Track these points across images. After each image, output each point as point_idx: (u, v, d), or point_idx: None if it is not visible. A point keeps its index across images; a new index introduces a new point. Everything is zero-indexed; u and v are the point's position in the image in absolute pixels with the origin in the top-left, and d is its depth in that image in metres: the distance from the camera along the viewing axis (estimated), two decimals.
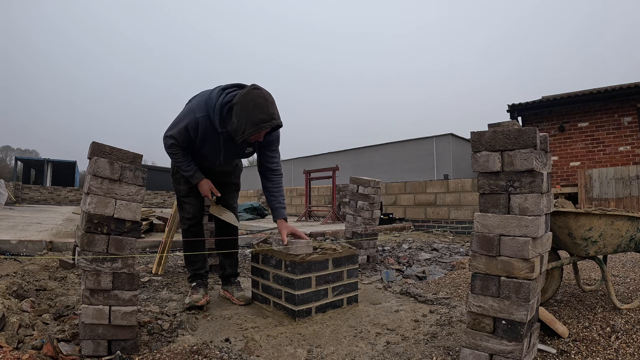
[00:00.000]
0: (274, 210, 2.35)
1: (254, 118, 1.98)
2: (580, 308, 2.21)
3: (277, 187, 2.38)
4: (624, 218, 2.04)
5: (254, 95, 2.01)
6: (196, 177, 2.34)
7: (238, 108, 2.02)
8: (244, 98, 2.02)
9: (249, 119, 1.98)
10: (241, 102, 2.01)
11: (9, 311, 1.90)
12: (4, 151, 54.68)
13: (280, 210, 2.34)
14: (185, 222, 2.47)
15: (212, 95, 2.15)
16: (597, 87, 9.41)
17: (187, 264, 2.54)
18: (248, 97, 2.01)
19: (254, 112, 1.98)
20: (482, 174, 1.50)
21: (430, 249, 5.13)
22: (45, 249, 3.70)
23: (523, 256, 1.38)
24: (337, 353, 1.71)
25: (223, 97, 2.12)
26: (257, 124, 1.99)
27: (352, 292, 2.40)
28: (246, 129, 2.00)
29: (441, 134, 19.76)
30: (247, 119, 1.99)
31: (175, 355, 1.61)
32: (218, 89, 2.18)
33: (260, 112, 1.99)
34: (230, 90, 2.16)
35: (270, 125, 2.02)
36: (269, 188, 2.37)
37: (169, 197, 22.29)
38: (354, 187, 4.08)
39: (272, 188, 2.37)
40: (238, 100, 2.04)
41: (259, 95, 2.02)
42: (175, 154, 2.28)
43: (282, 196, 2.39)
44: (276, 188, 2.38)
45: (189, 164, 2.31)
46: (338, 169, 9.90)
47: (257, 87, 2.06)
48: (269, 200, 2.38)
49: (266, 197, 2.39)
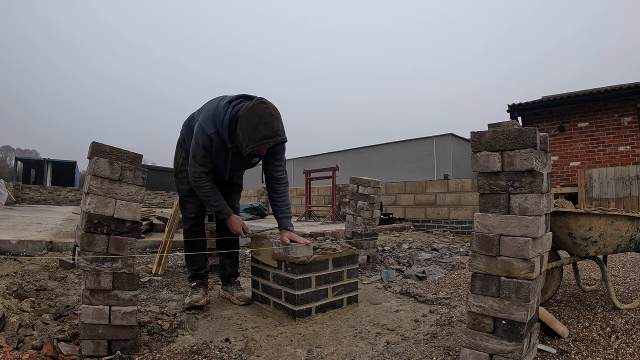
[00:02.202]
0: (278, 220, 2.33)
1: (258, 133, 1.96)
2: (580, 308, 2.21)
3: (282, 198, 2.34)
4: (624, 218, 2.04)
5: (259, 110, 1.99)
6: (225, 212, 2.32)
7: (242, 122, 2.00)
8: (250, 112, 1.99)
9: (253, 134, 1.96)
10: (246, 117, 1.99)
11: (9, 311, 1.90)
12: (4, 151, 54.68)
13: (283, 220, 2.30)
14: (187, 221, 2.46)
15: (219, 110, 2.11)
16: (597, 87, 9.41)
17: (188, 264, 2.53)
18: (254, 112, 1.99)
19: (258, 128, 1.96)
20: (482, 174, 1.50)
21: (430, 249, 5.13)
22: (45, 249, 3.70)
23: (523, 256, 1.38)
24: (337, 353, 1.71)
25: (230, 111, 2.09)
26: (261, 140, 1.96)
27: (352, 292, 2.40)
28: (249, 144, 1.98)
29: (441, 134, 19.75)
30: (250, 134, 1.96)
31: (175, 355, 1.61)
32: (224, 102, 2.14)
33: (265, 127, 1.96)
34: (236, 103, 2.13)
35: (273, 141, 2.00)
36: (274, 198, 2.35)
37: (169, 197, 22.28)
38: (354, 187, 4.08)
39: (277, 198, 2.34)
40: (243, 113, 2.01)
41: (265, 110, 1.99)
42: (204, 186, 2.22)
43: (287, 206, 2.35)
44: (280, 198, 2.34)
45: (218, 197, 2.27)
46: (338, 169, 9.90)
47: (264, 102, 2.03)
48: (273, 210, 2.35)
49: (271, 207, 2.37)
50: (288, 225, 2.28)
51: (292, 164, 26.15)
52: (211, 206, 2.30)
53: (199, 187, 2.23)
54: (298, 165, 25.00)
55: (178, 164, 2.46)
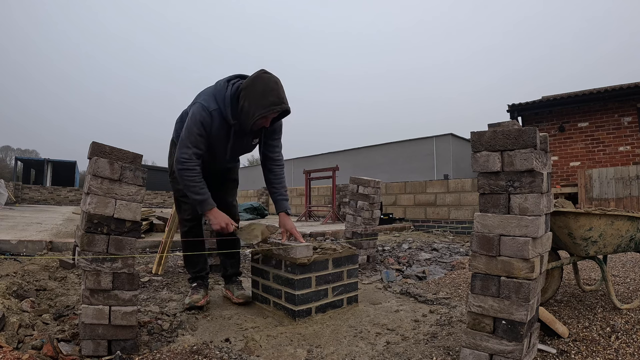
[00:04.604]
0: (275, 202, 2.34)
1: (265, 100, 1.98)
2: (580, 308, 2.21)
3: (279, 179, 2.36)
4: (624, 218, 2.04)
5: (264, 79, 2.02)
6: (209, 203, 2.13)
7: (248, 91, 2.01)
8: (254, 81, 2.02)
9: (260, 102, 1.98)
10: (251, 85, 2.01)
11: (9, 311, 1.90)
12: (4, 151, 54.68)
13: (282, 202, 2.32)
14: (185, 224, 2.43)
15: (219, 88, 2.11)
16: (597, 87, 9.41)
17: (188, 267, 2.50)
18: (258, 80, 2.01)
19: (264, 95, 1.98)
20: (482, 174, 1.50)
21: (430, 249, 5.13)
22: (45, 249, 3.71)
23: (523, 256, 1.38)
24: (337, 353, 1.71)
25: (231, 89, 2.10)
26: (267, 106, 1.98)
27: (352, 292, 2.40)
28: (256, 111, 1.99)
29: (441, 134, 19.75)
30: (257, 101, 1.98)
31: (175, 355, 1.61)
32: (222, 82, 2.14)
33: (271, 94, 1.99)
34: (235, 81, 2.14)
35: (280, 108, 2.02)
36: (271, 180, 2.35)
37: (169, 197, 22.28)
38: (354, 187, 4.08)
39: (274, 179, 2.35)
40: (248, 83, 2.03)
41: (270, 78, 2.03)
42: (193, 170, 2.06)
43: (284, 187, 2.37)
44: (277, 179, 2.36)
45: (203, 185, 2.11)
46: (338, 169, 9.91)
47: (267, 72, 2.06)
48: (271, 193, 2.36)
49: (268, 190, 2.38)
50: (287, 208, 2.32)
51: (292, 164, 26.15)
52: (194, 194, 2.09)
53: (186, 169, 2.05)
54: (298, 165, 24.99)
55: (172, 162, 2.39)
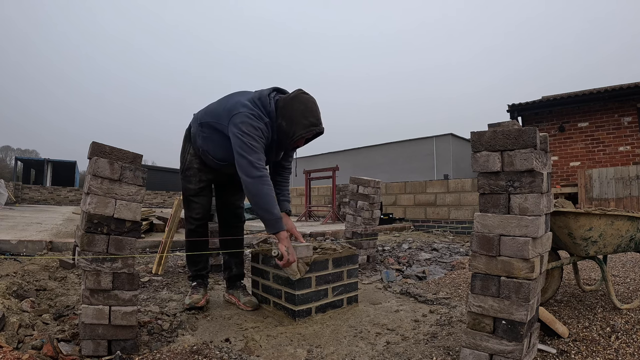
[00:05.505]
0: (279, 202, 2.34)
1: (305, 120, 2.01)
2: (580, 308, 2.21)
3: (285, 182, 2.48)
4: (624, 218, 2.04)
5: (304, 99, 2.05)
6: (283, 223, 2.02)
7: (287, 110, 2.03)
8: (294, 101, 2.04)
9: (300, 122, 2.01)
10: (291, 106, 2.03)
11: (9, 311, 1.90)
12: (4, 151, 54.68)
13: (284, 203, 2.37)
14: (192, 222, 2.41)
15: (264, 102, 2.08)
16: (597, 87, 9.41)
17: (190, 265, 2.50)
18: (298, 100, 2.04)
19: (305, 115, 2.01)
20: (482, 174, 1.50)
21: (430, 249, 5.13)
22: (45, 249, 3.71)
23: (523, 256, 1.38)
24: (337, 353, 1.71)
25: (273, 104, 2.09)
26: (307, 127, 2.02)
27: (352, 292, 2.40)
28: (297, 132, 2.01)
29: (441, 134, 19.77)
30: (298, 121, 2.01)
31: (175, 355, 1.61)
32: (263, 95, 2.10)
33: (311, 115, 2.03)
34: (274, 95, 2.14)
35: (318, 129, 2.06)
36: (278, 182, 2.42)
37: (169, 197, 22.28)
38: (354, 187, 4.08)
39: (281, 182, 2.44)
40: (285, 103, 2.05)
41: (309, 99, 2.06)
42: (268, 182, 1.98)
43: (288, 191, 2.47)
44: (284, 182, 2.47)
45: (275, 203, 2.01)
46: (338, 169, 9.91)
47: (305, 92, 2.09)
48: (276, 193, 2.36)
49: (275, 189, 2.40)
50: (288, 208, 2.39)
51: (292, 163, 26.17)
52: (268, 211, 1.95)
53: (264, 176, 1.96)
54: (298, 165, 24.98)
55: (185, 160, 2.37)
